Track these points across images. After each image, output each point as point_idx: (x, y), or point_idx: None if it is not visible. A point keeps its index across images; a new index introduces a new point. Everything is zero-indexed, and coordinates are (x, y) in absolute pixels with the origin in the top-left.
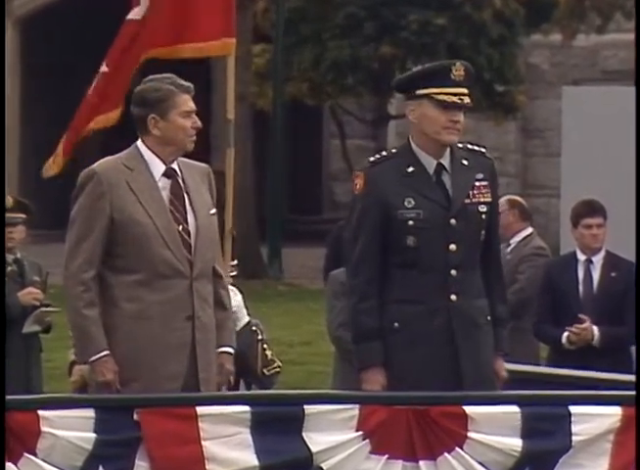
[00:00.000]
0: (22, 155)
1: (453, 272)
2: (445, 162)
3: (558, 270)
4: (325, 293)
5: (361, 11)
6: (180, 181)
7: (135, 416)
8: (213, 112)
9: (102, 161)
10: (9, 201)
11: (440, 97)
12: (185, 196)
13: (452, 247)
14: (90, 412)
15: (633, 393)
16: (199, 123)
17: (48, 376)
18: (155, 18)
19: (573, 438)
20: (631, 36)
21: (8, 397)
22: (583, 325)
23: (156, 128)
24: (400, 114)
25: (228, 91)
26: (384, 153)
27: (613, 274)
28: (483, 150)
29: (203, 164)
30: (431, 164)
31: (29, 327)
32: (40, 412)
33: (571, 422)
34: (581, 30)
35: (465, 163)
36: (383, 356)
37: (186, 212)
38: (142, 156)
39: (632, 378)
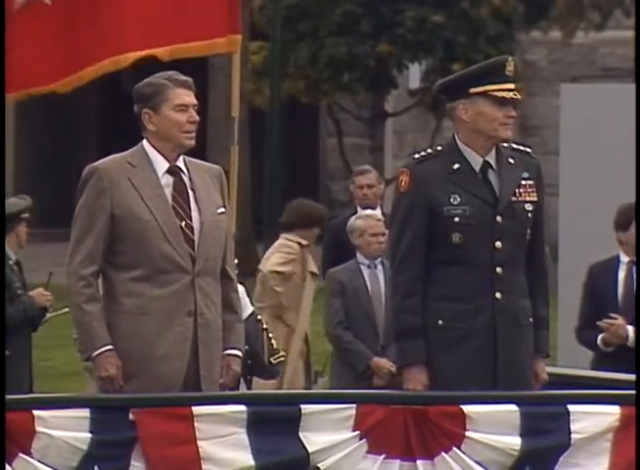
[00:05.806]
0: (16, 153)
1: (499, 270)
2: (491, 160)
3: (600, 274)
4: (322, 292)
5: (358, 8)
6: (185, 179)
7: (131, 416)
8: (210, 111)
9: (106, 158)
10: (29, 201)
11: (499, 93)
12: (190, 193)
13: (498, 244)
14: (85, 412)
15: (632, 392)
16: (196, 117)
17: (43, 376)
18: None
19: (573, 436)
20: (630, 33)
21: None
22: (612, 321)
23: (150, 123)
24: (397, 111)
25: (233, 88)
26: (429, 150)
27: None
28: (529, 150)
29: (214, 166)
30: (477, 161)
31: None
32: (35, 412)
33: (569, 421)
34: (580, 28)
35: (511, 161)
36: (425, 355)
37: (190, 209)
38: (146, 153)
39: (631, 377)
